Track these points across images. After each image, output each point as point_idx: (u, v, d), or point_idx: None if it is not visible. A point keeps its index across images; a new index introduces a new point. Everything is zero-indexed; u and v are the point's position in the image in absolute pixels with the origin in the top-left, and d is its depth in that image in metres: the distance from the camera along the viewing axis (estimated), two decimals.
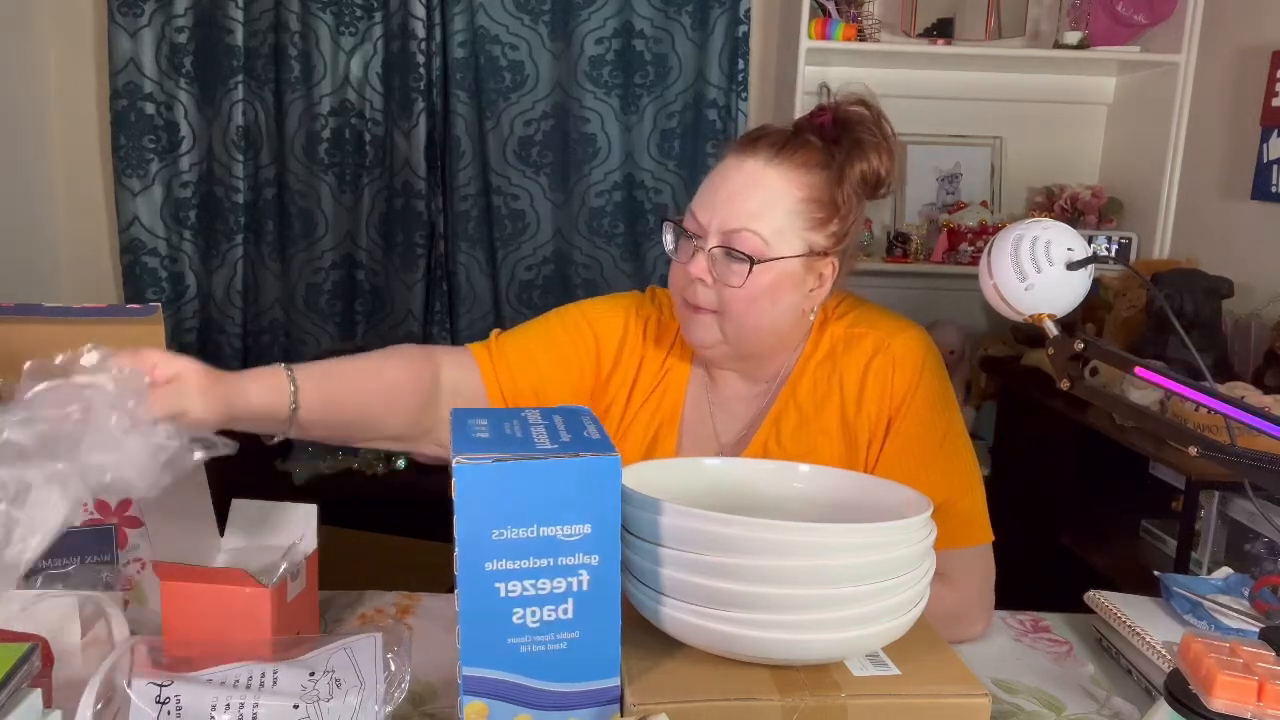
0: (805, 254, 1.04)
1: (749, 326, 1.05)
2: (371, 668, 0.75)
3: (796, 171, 1.03)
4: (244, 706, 0.71)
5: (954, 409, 1.12)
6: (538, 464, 0.67)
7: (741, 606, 0.72)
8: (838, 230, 1.05)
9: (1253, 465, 0.75)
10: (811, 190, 1.03)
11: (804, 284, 1.06)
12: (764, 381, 1.15)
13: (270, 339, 2.73)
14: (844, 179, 1.04)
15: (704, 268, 1.03)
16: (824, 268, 1.07)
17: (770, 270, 1.02)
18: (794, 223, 1.03)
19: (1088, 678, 0.98)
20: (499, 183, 2.63)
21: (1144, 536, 1.99)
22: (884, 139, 1.06)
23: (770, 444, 1.11)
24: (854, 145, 1.05)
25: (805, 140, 1.05)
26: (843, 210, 1.05)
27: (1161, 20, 2.46)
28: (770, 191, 1.03)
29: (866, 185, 1.06)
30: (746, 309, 1.03)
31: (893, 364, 1.08)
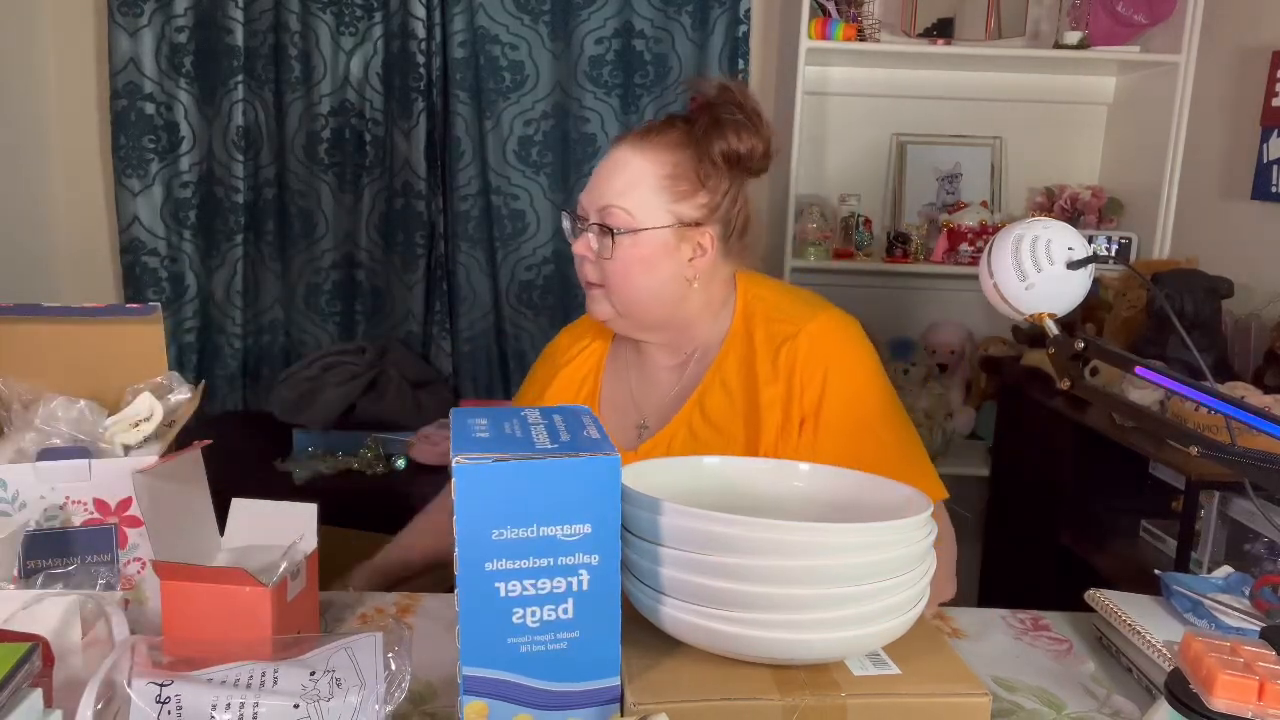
0: (673, 224, 1.15)
1: (630, 295, 1.17)
2: (372, 667, 0.75)
3: (659, 151, 1.15)
4: (244, 706, 0.71)
5: (878, 384, 1.17)
6: (538, 464, 0.67)
7: (741, 606, 0.72)
8: (707, 202, 1.16)
9: (1253, 465, 0.75)
10: (674, 167, 1.15)
11: (679, 253, 1.16)
12: (683, 353, 1.24)
13: (270, 339, 2.73)
14: (703, 155, 1.15)
15: (585, 245, 1.17)
16: (700, 237, 1.17)
17: (638, 241, 1.14)
18: (658, 197, 1.14)
19: (1088, 676, 0.98)
20: (499, 183, 2.63)
21: (1144, 536, 1.99)
22: (746, 117, 1.15)
23: (695, 418, 1.18)
24: (712, 124, 1.15)
25: (670, 123, 1.18)
26: (709, 184, 1.16)
27: (1161, 20, 2.46)
28: (634, 170, 1.15)
29: (729, 161, 1.16)
30: (623, 278, 1.15)
31: (800, 353, 1.15)
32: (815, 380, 1.14)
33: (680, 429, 1.19)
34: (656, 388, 1.25)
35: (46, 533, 0.94)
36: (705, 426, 1.18)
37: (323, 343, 2.71)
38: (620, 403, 1.26)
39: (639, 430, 1.24)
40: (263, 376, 2.74)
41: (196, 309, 2.68)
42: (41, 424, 0.97)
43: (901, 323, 2.81)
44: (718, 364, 1.20)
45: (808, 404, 1.14)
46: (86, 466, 0.94)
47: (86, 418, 0.99)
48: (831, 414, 1.13)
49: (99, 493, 0.95)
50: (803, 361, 1.14)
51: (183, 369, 2.69)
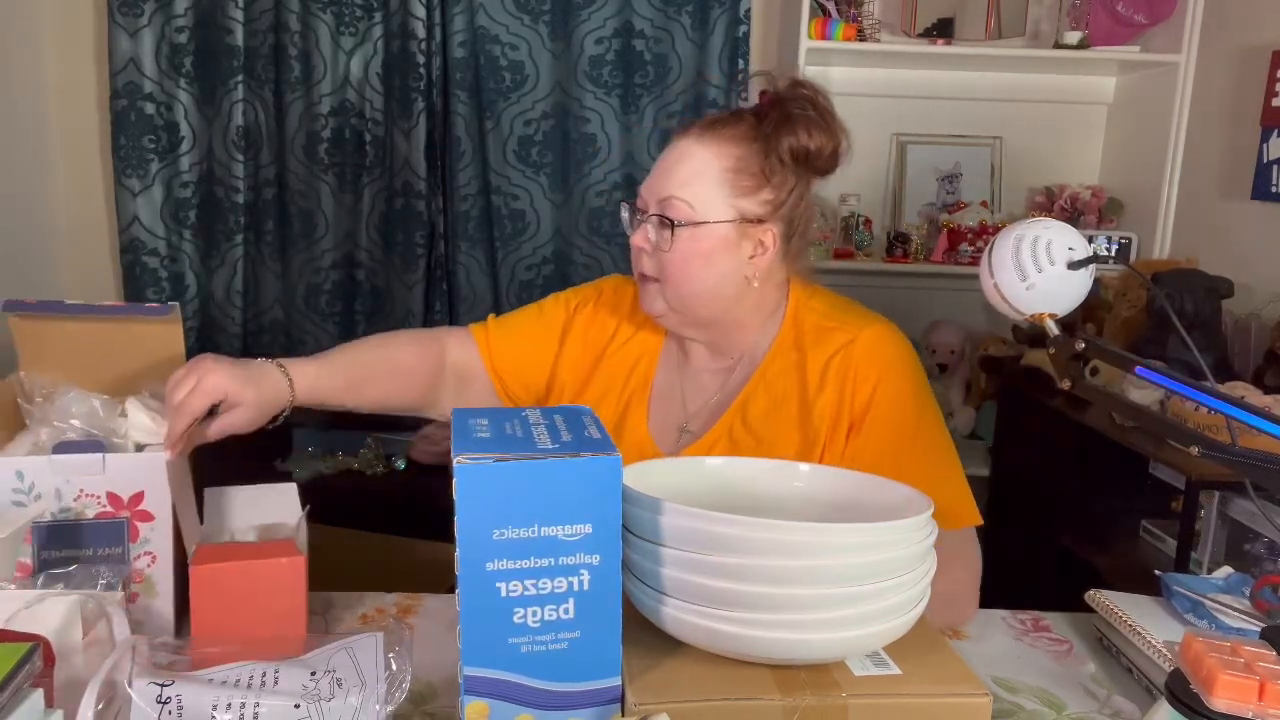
0: (735, 219, 1.11)
1: (686, 290, 1.12)
2: (373, 667, 0.75)
3: (724, 144, 1.11)
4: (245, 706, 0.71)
5: (925, 399, 1.15)
6: (538, 464, 0.67)
7: (742, 606, 0.72)
8: (771, 199, 1.12)
9: (1253, 465, 0.75)
10: (738, 161, 1.11)
11: (740, 250, 1.12)
12: (730, 357, 1.21)
13: (270, 339, 2.73)
14: (771, 150, 1.11)
15: (644, 236, 1.13)
16: (762, 235, 1.13)
17: (699, 234, 1.10)
18: (720, 190, 1.10)
19: (1088, 677, 0.98)
20: (499, 183, 2.63)
21: (1144, 536, 1.99)
22: (819, 114, 1.13)
23: (736, 426, 1.16)
24: (782, 119, 1.11)
25: (738, 116, 1.14)
26: (774, 180, 1.12)
27: (1161, 20, 2.46)
28: (697, 162, 1.11)
29: (797, 158, 1.13)
30: (680, 272, 1.11)
31: (854, 360, 1.13)
32: (866, 386, 1.11)
33: (721, 436, 1.16)
34: (701, 390, 1.22)
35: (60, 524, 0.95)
36: (747, 435, 1.15)
37: (323, 343, 2.71)
38: (668, 399, 1.23)
39: (680, 433, 1.21)
40: None
41: (196, 309, 2.68)
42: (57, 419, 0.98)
43: (901, 323, 2.76)
44: (762, 371, 1.17)
45: (857, 408, 1.12)
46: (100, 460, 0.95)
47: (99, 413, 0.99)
48: (876, 422, 1.11)
49: (112, 486, 0.96)
50: (855, 367, 1.12)
51: None
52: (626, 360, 1.24)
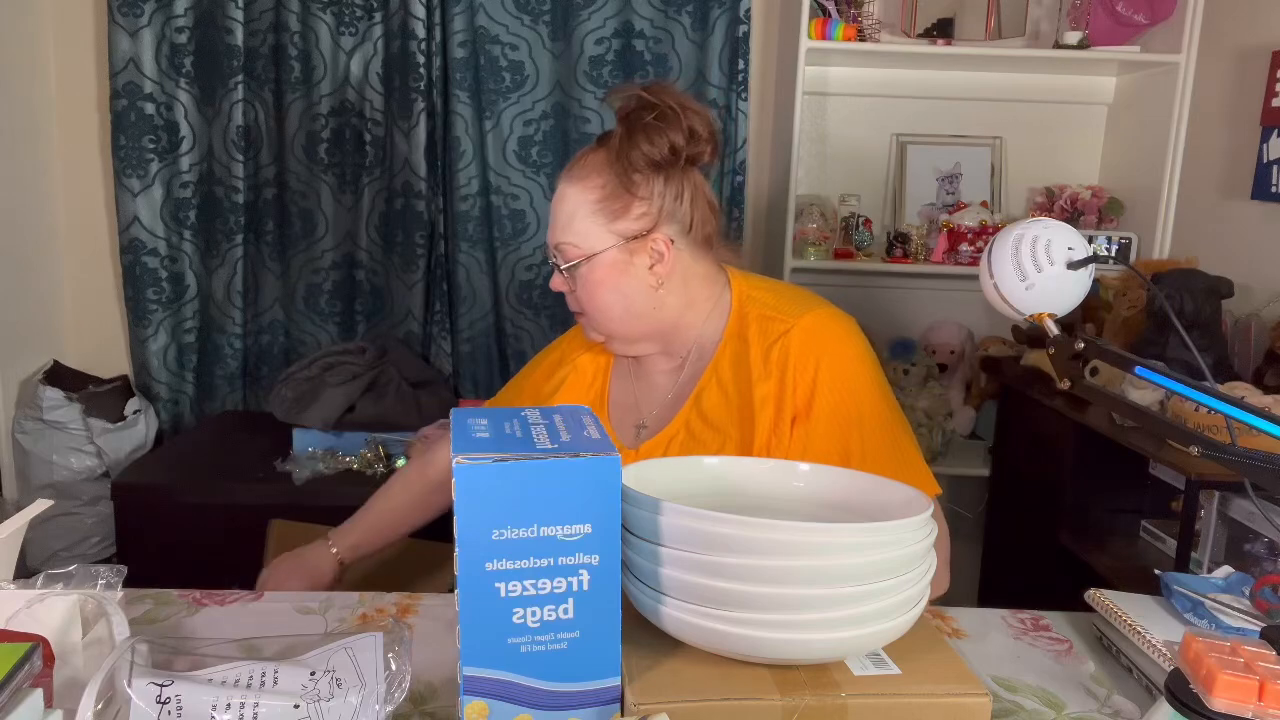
0: (617, 243, 1.17)
1: (606, 316, 1.20)
2: (372, 668, 0.75)
3: (586, 178, 1.17)
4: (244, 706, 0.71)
5: (869, 379, 1.17)
6: (538, 464, 0.67)
7: (741, 606, 0.72)
8: (645, 210, 1.16)
9: (1253, 465, 0.75)
10: (601, 190, 1.16)
11: (635, 266, 1.18)
12: (680, 356, 1.25)
13: (270, 339, 2.73)
14: (627, 169, 1.15)
15: (559, 281, 1.21)
16: (652, 244, 1.17)
17: (591, 266, 1.17)
18: (596, 221, 1.16)
19: (1088, 676, 0.98)
20: (499, 183, 2.63)
21: (1144, 536, 1.99)
22: (659, 117, 1.14)
23: (693, 418, 1.20)
24: (625, 136, 1.16)
25: (597, 146, 1.19)
26: (640, 193, 1.16)
27: (1161, 20, 2.46)
28: (569, 203, 1.18)
29: (657, 164, 1.15)
30: (593, 303, 1.19)
31: (792, 349, 1.15)
32: (807, 376, 1.14)
33: (679, 430, 1.20)
34: (656, 390, 1.27)
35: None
36: (703, 426, 1.18)
37: (323, 343, 2.71)
38: (624, 405, 1.28)
39: (638, 430, 1.25)
40: (263, 376, 2.74)
41: (196, 309, 2.68)
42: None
43: (901, 323, 2.81)
44: (714, 364, 1.21)
45: (800, 400, 1.14)
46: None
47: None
48: (822, 410, 1.13)
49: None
50: (795, 357, 1.15)
51: (183, 369, 2.70)
52: (583, 380, 1.32)
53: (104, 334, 2.74)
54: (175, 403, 2.71)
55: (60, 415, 2.48)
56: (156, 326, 2.66)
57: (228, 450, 2.42)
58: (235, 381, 2.72)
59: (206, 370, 2.72)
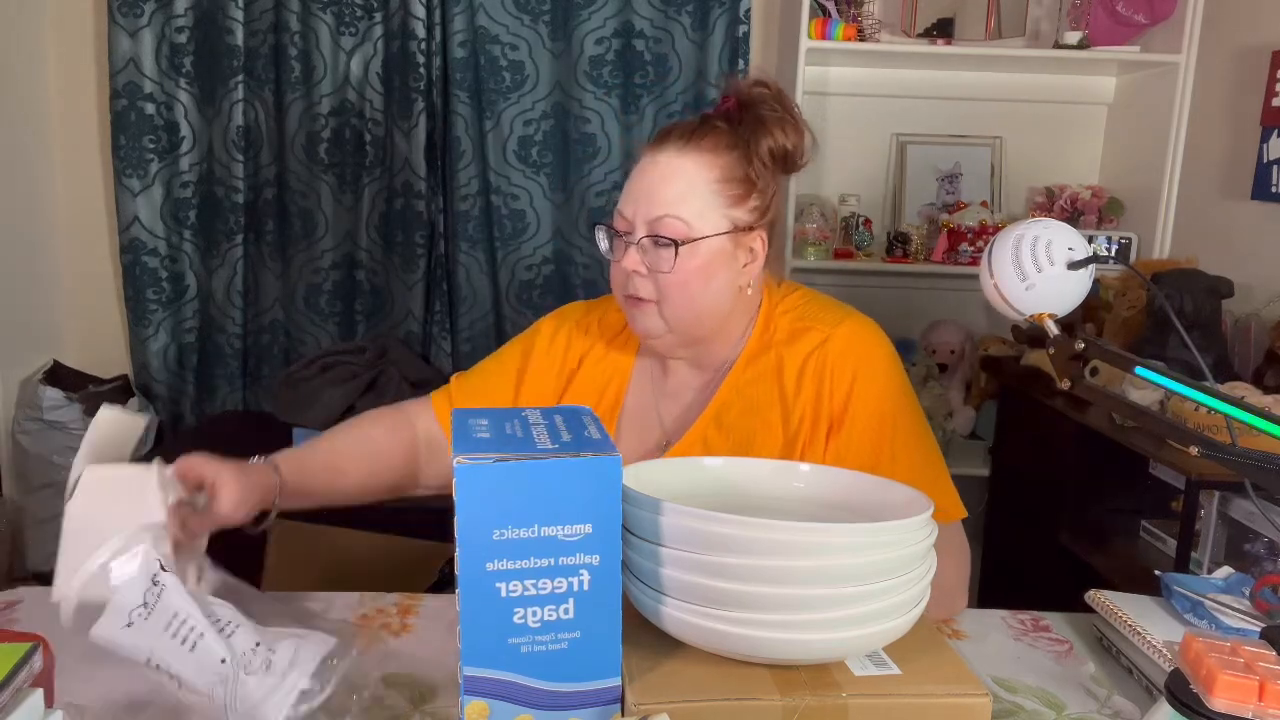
0: (730, 230, 1.09)
1: (688, 309, 1.10)
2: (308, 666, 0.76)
3: (707, 155, 1.08)
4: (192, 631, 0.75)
5: (903, 394, 1.14)
6: (538, 464, 0.67)
7: (741, 606, 0.72)
8: (758, 204, 1.11)
9: (1253, 465, 0.75)
10: (725, 170, 1.09)
11: (735, 260, 1.11)
12: (711, 369, 1.19)
13: (270, 339, 2.73)
14: (753, 155, 1.10)
15: (636, 260, 1.09)
16: (752, 242, 1.12)
17: (697, 250, 1.08)
18: (713, 202, 1.08)
19: (1088, 677, 0.98)
20: (499, 183, 2.63)
21: (1144, 536, 1.99)
22: (786, 113, 1.11)
23: (710, 431, 1.15)
24: (757, 122, 1.10)
25: (713, 126, 1.11)
26: (759, 185, 1.10)
27: (1161, 20, 2.46)
28: (686, 177, 1.08)
29: (776, 159, 1.12)
30: (682, 292, 1.08)
31: (830, 359, 1.12)
32: (844, 383, 1.11)
33: (696, 443, 1.15)
34: (678, 405, 1.20)
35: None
36: (722, 438, 1.14)
37: (323, 343, 2.71)
38: (642, 419, 1.21)
39: (660, 447, 1.19)
40: (263, 376, 2.74)
41: (196, 309, 2.68)
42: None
43: (901, 323, 2.81)
44: (734, 377, 1.16)
45: (836, 406, 1.11)
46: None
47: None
48: (857, 418, 1.10)
49: None
50: (832, 365, 1.11)
51: (183, 369, 2.70)
52: (597, 381, 1.22)
53: (104, 334, 2.74)
54: (175, 403, 2.71)
55: (60, 415, 2.48)
56: (156, 326, 2.66)
57: (228, 450, 2.41)
58: (235, 381, 2.72)
59: (206, 370, 2.72)
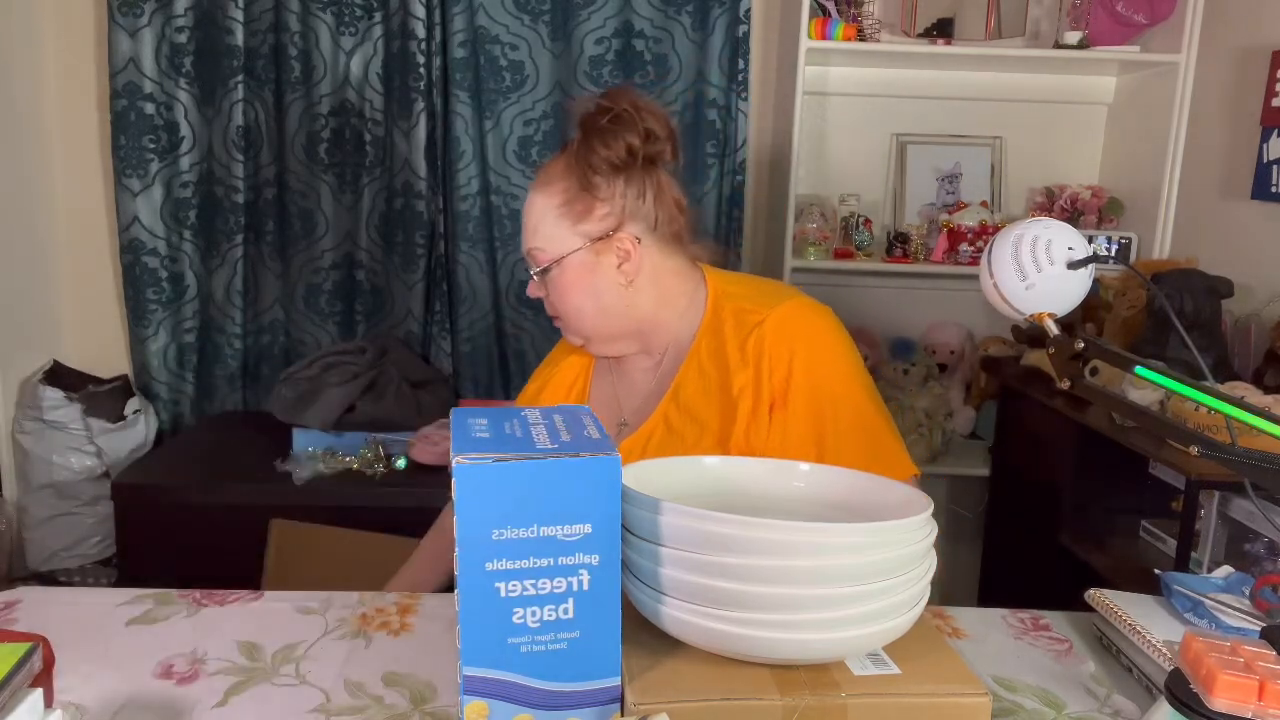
0: (584, 245, 1.20)
1: (580, 319, 1.24)
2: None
3: (550, 186, 1.21)
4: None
5: (847, 366, 1.19)
6: (538, 464, 0.67)
7: (741, 606, 0.72)
8: (609, 211, 1.20)
9: (1253, 465, 0.75)
10: (564, 194, 1.20)
11: (603, 265, 1.21)
12: (658, 353, 1.28)
13: (270, 339, 2.73)
14: (587, 172, 1.19)
15: (535, 287, 1.25)
16: (619, 243, 1.21)
17: (561, 269, 1.21)
18: (561, 225, 1.20)
19: (1088, 676, 0.98)
20: (499, 183, 2.63)
21: (1144, 536, 1.99)
22: (614, 120, 1.17)
23: (671, 412, 1.22)
24: (582, 141, 1.20)
25: (559, 154, 1.24)
26: (602, 195, 1.19)
27: (1161, 20, 2.46)
28: (536, 210, 1.22)
29: (618, 164, 1.18)
30: (567, 305, 1.23)
31: (766, 339, 1.17)
32: (782, 365, 1.16)
33: (658, 425, 1.22)
34: (636, 388, 1.30)
35: None
36: (682, 419, 1.21)
37: (323, 343, 2.71)
38: (604, 404, 1.31)
39: (619, 428, 1.28)
40: (263, 376, 2.74)
41: (196, 309, 2.68)
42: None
43: (901, 323, 2.81)
44: (690, 357, 1.23)
45: (776, 388, 1.16)
46: None
47: None
48: (798, 398, 1.16)
49: None
50: (770, 346, 1.17)
51: (183, 369, 2.70)
52: (564, 383, 1.35)
53: (104, 334, 2.74)
54: (175, 403, 2.71)
55: (60, 415, 2.48)
56: (156, 326, 2.66)
57: (228, 450, 2.43)
58: (235, 381, 2.72)
59: (206, 370, 2.72)
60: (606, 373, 1.34)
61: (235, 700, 0.90)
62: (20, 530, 2.49)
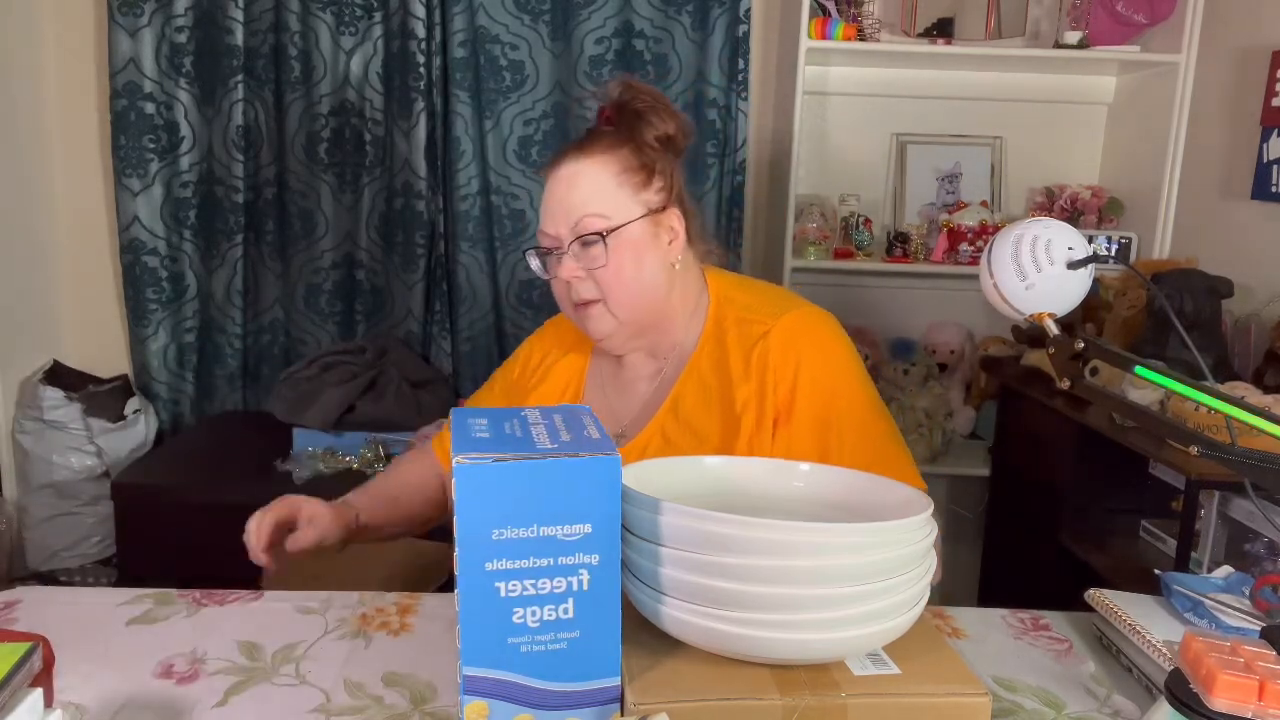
0: (645, 213, 1.16)
1: (628, 296, 1.16)
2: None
3: (603, 155, 1.16)
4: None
5: (852, 377, 1.17)
6: (538, 464, 0.67)
7: (741, 606, 0.72)
8: (663, 185, 1.18)
9: (1253, 465, 0.75)
10: (622, 162, 1.16)
11: (659, 239, 1.17)
12: (663, 357, 1.24)
13: (270, 339, 2.73)
14: (642, 144, 1.17)
15: (571, 267, 1.15)
16: (669, 220, 1.19)
17: (622, 238, 1.14)
18: (622, 192, 1.15)
19: (1088, 676, 0.98)
20: (499, 183, 2.63)
21: (1144, 536, 1.99)
22: (656, 102, 1.19)
23: (669, 423, 1.19)
24: (635, 116, 1.18)
25: (599, 132, 1.20)
26: (657, 168, 1.18)
27: (1161, 20, 2.46)
28: (590, 177, 1.15)
29: (663, 144, 1.19)
30: (619, 280, 1.15)
31: (771, 352, 1.15)
32: (787, 377, 1.13)
33: (655, 435, 1.18)
34: (635, 397, 1.25)
35: None
36: (679, 430, 1.17)
37: (323, 343, 2.71)
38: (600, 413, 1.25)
39: (616, 439, 1.21)
40: (263, 376, 2.74)
41: (196, 309, 2.68)
42: None
43: (901, 323, 2.81)
44: (691, 367, 1.20)
45: (780, 401, 1.14)
46: None
47: None
48: (803, 410, 1.13)
49: None
50: (774, 359, 1.14)
51: (183, 369, 2.70)
52: (556, 386, 1.29)
53: (104, 334, 2.74)
54: (175, 403, 2.71)
55: (60, 415, 2.48)
56: (156, 326, 2.66)
57: (228, 450, 2.43)
58: (235, 381, 2.72)
59: (206, 370, 2.72)
60: (602, 382, 1.28)
61: (235, 700, 0.90)
62: (20, 530, 2.49)
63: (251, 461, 2.30)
